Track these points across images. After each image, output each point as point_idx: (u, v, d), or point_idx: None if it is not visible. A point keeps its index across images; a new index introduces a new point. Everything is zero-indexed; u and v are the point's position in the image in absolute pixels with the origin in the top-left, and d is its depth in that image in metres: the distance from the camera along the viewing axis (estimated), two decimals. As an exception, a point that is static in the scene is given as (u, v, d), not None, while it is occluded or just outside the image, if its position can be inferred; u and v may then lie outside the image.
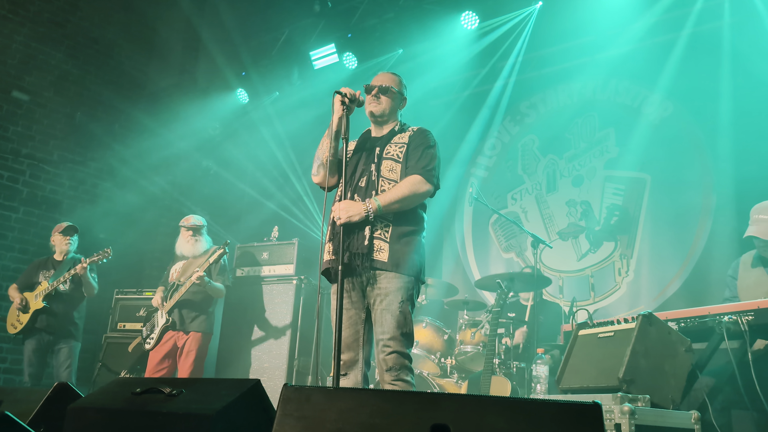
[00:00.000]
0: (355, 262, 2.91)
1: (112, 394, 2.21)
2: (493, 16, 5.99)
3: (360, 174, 3.11)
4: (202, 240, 5.56)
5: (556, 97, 6.70)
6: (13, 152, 6.92)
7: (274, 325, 5.77)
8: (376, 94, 3.19)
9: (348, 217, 2.92)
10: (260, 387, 1.99)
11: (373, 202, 2.94)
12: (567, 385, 3.35)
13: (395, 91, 3.23)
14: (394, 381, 2.83)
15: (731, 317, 3.19)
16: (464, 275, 6.82)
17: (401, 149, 3.13)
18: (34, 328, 5.40)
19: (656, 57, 5.79)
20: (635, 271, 5.74)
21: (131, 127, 7.92)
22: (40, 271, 5.61)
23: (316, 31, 6.93)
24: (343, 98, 3.01)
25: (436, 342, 5.19)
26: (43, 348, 5.42)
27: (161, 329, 5.26)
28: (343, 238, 2.90)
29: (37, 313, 5.40)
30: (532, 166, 6.69)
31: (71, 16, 7.53)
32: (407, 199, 2.99)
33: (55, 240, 5.69)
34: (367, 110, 3.23)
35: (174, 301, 5.23)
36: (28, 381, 5.36)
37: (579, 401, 1.44)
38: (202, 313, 5.33)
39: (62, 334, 5.47)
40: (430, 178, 3.05)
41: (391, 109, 3.23)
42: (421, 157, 3.08)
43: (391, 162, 3.10)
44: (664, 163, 5.75)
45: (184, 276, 5.33)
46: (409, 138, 3.16)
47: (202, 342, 5.28)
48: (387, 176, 3.07)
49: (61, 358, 5.44)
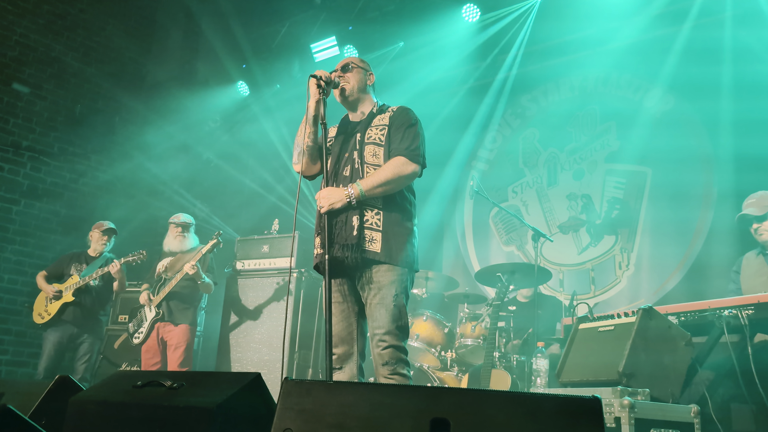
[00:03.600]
0: (344, 254, 2.83)
1: (114, 387, 2.21)
2: (494, 8, 5.99)
3: (344, 163, 3.02)
4: (189, 237, 5.62)
5: (557, 90, 6.68)
6: (14, 144, 6.92)
7: (275, 318, 5.78)
8: (339, 74, 3.11)
9: (330, 204, 2.84)
10: (261, 380, 1.99)
11: (354, 187, 2.84)
12: (567, 378, 3.35)
13: (357, 65, 3.16)
14: (390, 375, 2.79)
15: (731, 311, 3.19)
16: (464, 268, 6.82)
17: (382, 132, 3.03)
18: (61, 319, 5.45)
19: (657, 50, 5.76)
20: (636, 265, 5.75)
21: (131, 119, 7.92)
22: (73, 264, 5.66)
23: (317, 23, 6.92)
24: (319, 81, 2.95)
25: (437, 335, 5.20)
26: (65, 341, 5.46)
27: (150, 323, 5.29)
28: (330, 229, 2.83)
29: (65, 306, 5.45)
30: (533, 159, 6.68)
31: (71, 8, 7.51)
32: (392, 182, 2.89)
33: (93, 236, 5.77)
34: (338, 96, 3.14)
35: (163, 294, 5.26)
36: (42, 373, 5.36)
37: (579, 395, 1.44)
38: (191, 306, 5.38)
39: (86, 329, 5.53)
40: (415, 157, 2.94)
41: (360, 84, 3.14)
42: (403, 137, 2.97)
43: (373, 146, 3.00)
44: (665, 157, 5.74)
45: (171, 271, 5.35)
46: (390, 119, 3.07)
47: (190, 334, 5.34)
48: (371, 162, 2.97)
49: (81, 352, 5.51)
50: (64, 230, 7.10)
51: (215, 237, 5.26)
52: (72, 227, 5.80)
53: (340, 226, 2.87)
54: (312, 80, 2.98)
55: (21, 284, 6.71)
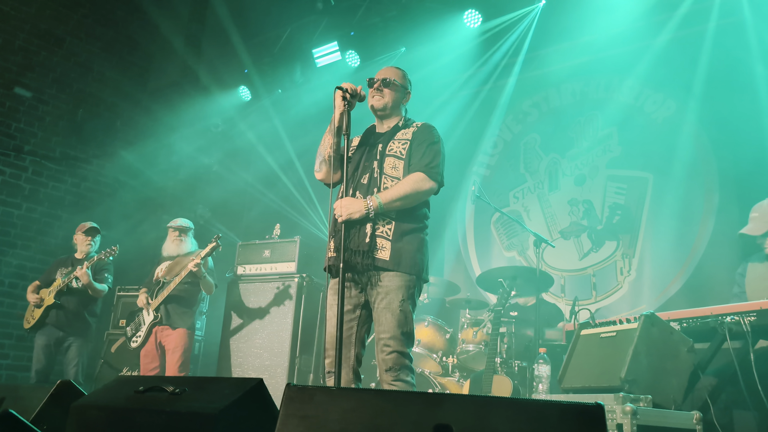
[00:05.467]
0: (355, 260, 2.90)
1: (115, 393, 2.21)
2: (496, 14, 6.00)
3: (362, 171, 3.08)
4: (187, 241, 5.59)
5: (559, 95, 6.69)
6: (16, 149, 6.93)
7: (276, 323, 5.77)
8: (378, 87, 3.17)
9: (348, 214, 2.90)
10: (263, 386, 1.98)
11: (374, 200, 2.92)
12: (569, 384, 3.35)
13: (398, 84, 3.20)
14: (393, 381, 2.81)
15: (734, 317, 3.19)
16: (466, 273, 6.81)
17: (404, 146, 3.09)
18: (45, 323, 5.42)
19: (659, 56, 5.77)
20: (637, 271, 5.74)
21: (133, 124, 7.94)
22: (59, 269, 5.64)
23: (319, 28, 6.93)
24: (344, 93, 2.99)
25: (438, 341, 5.19)
26: (52, 345, 5.43)
27: (148, 326, 5.26)
28: (344, 235, 2.89)
29: (48, 309, 5.43)
30: (535, 164, 6.68)
31: (73, 13, 7.53)
32: (409, 197, 2.97)
33: (78, 239, 5.72)
34: (369, 104, 3.19)
35: (161, 297, 5.24)
36: (34, 377, 5.36)
37: (581, 402, 1.44)
38: (189, 309, 5.36)
39: (72, 331, 5.48)
40: (434, 175, 3.01)
41: (394, 103, 3.20)
42: (424, 154, 3.04)
43: (393, 159, 3.07)
44: (667, 163, 5.73)
45: (170, 274, 5.34)
46: (413, 134, 3.13)
47: (188, 338, 5.29)
48: (390, 173, 3.04)
49: (70, 356, 5.46)
50: (65, 235, 7.10)
51: (214, 240, 5.24)
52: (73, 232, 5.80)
53: (354, 233, 2.94)
54: (338, 92, 3.02)
55: (22, 288, 6.68)
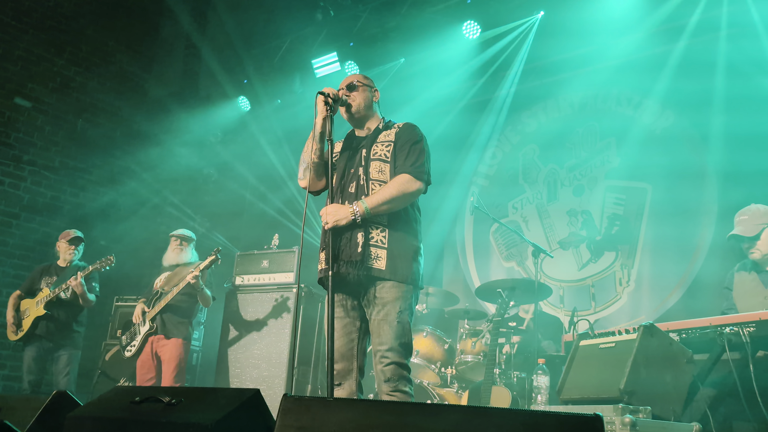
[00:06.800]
0: (348, 270, 2.83)
1: (111, 403, 2.19)
2: (494, 25, 6.02)
3: (349, 179, 3.03)
4: (188, 251, 5.58)
5: (557, 106, 6.71)
6: (15, 158, 6.94)
7: (274, 334, 5.74)
8: (345, 93, 3.13)
9: (335, 221, 2.84)
10: (260, 397, 1.97)
11: (360, 205, 2.85)
12: (568, 395, 3.33)
13: (362, 83, 3.18)
14: (392, 392, 2.78)
15: (733, 329, 3.17)
16: (465, 284, 6.80)
17: (388, 148, 3.04)
18: (34, 334, 5.38)
19: (657, 66, 5.79)
20: (636, 281, 5.73)
21: (133, 134, 7.94)
22: (43, 278, 5.60)
23: (319, 39, 6.96)
24: (326, 98, 2.97)
25: (437, 351, 5.17)
26: (42, 355, 5.40)
27: (143, 336, 5.24)
28: (334, 245, 2.84)
29: (38, 320, 5.38)
30: (533, 175, 6.69)
31: (74, 23, 7.56)
32: (396, 199, 2.90)
33: (61, 247, 5.68)
34: (344, 114, 3.16)
35: (158, 308, 5.22)
36: (27, 388, 5.34)
37: (580, 413, 1.43)
38: (186, 320, 5.33)
39: (62, 342, 5.44)
40: (420, 175, 2.95)
41: (366, 102, 3.16)
42: (408, 154, 2.98)
43: (379, 163, 3.01)
44: (665, 173, 5.75)
45: (168, 285, 5.32)
46: (396, 135, 3.08)
47: (183, 348, 5.26)
48: (376, 178, 2.98)
49: (60, 366, 5.42)
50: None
51: (214, 253, 5.23)
52: (72, 241, 5.81)
53: (345, 242, 2.87)
54: (320, 97, 2.99)
55: (19, 299, 6.69)
